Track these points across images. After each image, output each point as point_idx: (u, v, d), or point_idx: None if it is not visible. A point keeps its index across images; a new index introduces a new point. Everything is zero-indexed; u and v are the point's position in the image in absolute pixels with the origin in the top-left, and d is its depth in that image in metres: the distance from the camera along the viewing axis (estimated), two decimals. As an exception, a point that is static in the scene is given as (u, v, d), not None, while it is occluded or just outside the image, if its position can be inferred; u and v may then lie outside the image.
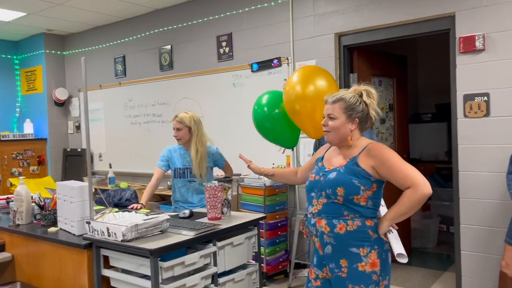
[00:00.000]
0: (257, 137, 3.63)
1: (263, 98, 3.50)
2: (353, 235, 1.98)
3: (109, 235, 2.30)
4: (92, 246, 2.41)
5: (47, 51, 6.71)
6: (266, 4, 4.63)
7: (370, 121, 2.11)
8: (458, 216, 3.61)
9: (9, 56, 7.02)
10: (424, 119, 6.42)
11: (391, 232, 2.02)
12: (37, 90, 6.84)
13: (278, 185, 4.29)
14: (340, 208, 2.00)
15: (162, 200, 5.42)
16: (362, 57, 4.33)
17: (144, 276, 2.29)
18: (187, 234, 2.38)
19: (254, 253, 2.83)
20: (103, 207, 3.07)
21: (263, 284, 3.94)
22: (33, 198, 2.98)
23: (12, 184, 6.01)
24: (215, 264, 2.48)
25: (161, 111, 5.69)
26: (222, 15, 4.99)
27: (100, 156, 6.48)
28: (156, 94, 5.72)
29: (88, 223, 2.42)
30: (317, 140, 3.35)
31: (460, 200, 3.59)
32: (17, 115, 7.08)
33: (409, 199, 1.90)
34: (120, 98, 6.15)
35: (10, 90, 7.04)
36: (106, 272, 2.42)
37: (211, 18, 5.09)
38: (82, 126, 6.73)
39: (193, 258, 2.35)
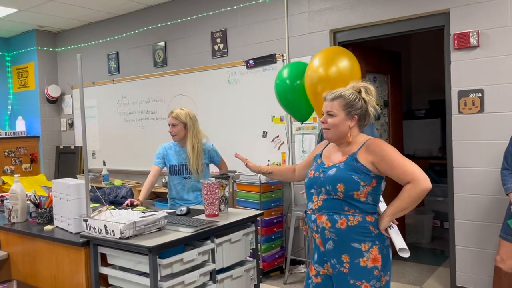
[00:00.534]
0: (252, 134, 3.62)
1: (284, 72, 3.48)
2: (354, 230, 2.00)
3: (107, 233, 2.29)
4: (90, 244, 2.40)
5: (39, 48, 6.64)
6: (261, 1, 4.63)
7: (369, 118, 2.12)
8: (453, 212, 3.65)
9: (0, 53, 6.94)
10: (418, 116, 6.46)
11: (392, 228, 2.03)
12: (29, 87, 6.77)
13: (274, 182, 4.29)
14: (341, 204, 2.01)
15: (157, 198, 5.41)
16: (357, 54, 4.28)
17: (142, 274, 2.28)
18: (186, 231, 2.37)
19: (252, 250, 2.84)
20: (99, 205, 3.05)
21: (260, 281, 3.94)
22: (28, 196, 2.95)
23: (5, 182, 5.96)
24: (213, 261, 2.48)
25: (155, 108, 5.67)
26: (217, 12, 4.97)
27: (94, 154, 6.43)
28: (150, 91, 5.70)
29: (86, 221, 2.41)
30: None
31: (455, 196, 3.63)
32: (9, 113, 7.02)
33: (409, 194, 1.92)
34: (114, 95, 6.11)
35: (2, 87, 6.98)
36: (104, 270, 2.41)
37: (206, 15, 5.07)
38: (76, 124, 6.69)
39: (192, 255, 2.34)
